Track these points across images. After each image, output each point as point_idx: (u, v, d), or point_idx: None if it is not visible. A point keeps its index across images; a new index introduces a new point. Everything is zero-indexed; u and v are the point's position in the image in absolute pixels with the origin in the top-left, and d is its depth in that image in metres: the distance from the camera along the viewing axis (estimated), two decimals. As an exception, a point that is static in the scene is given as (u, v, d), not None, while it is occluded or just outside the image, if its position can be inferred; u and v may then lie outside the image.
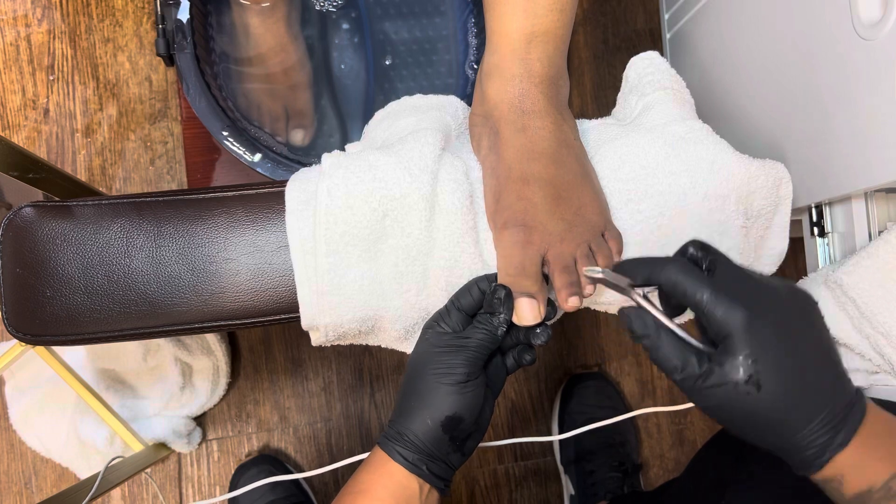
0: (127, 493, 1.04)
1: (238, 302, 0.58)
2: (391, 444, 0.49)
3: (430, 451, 0.49)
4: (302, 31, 0.86)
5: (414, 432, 0.49)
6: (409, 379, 0.51)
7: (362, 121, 0.86)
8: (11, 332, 0.56)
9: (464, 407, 0.49)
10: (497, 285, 0.52)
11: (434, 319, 0.53)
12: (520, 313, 0.51)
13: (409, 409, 0.50)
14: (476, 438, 0.52)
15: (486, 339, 0.50)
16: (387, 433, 0.50)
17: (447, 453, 0.50)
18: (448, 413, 0.49)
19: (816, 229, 0.65)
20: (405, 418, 0.50)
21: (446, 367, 0.49)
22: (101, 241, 0.57)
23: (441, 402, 0.49)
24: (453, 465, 0.51)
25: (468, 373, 0.49)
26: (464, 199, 0.55)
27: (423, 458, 0.49)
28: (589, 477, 1.00)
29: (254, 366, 1.06)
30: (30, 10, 1.08)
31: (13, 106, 1.06)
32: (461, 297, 0.53)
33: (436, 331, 0.52)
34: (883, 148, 0.52)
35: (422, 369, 0.50)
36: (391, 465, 0.49)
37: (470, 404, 0.49)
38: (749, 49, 0.72)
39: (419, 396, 0.50)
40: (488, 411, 0.52)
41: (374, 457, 0.50)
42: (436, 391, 0.49)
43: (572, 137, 0.57)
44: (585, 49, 1.13)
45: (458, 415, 0.49)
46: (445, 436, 0.49)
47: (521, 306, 0.51)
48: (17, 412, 1.00)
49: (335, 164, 0.56)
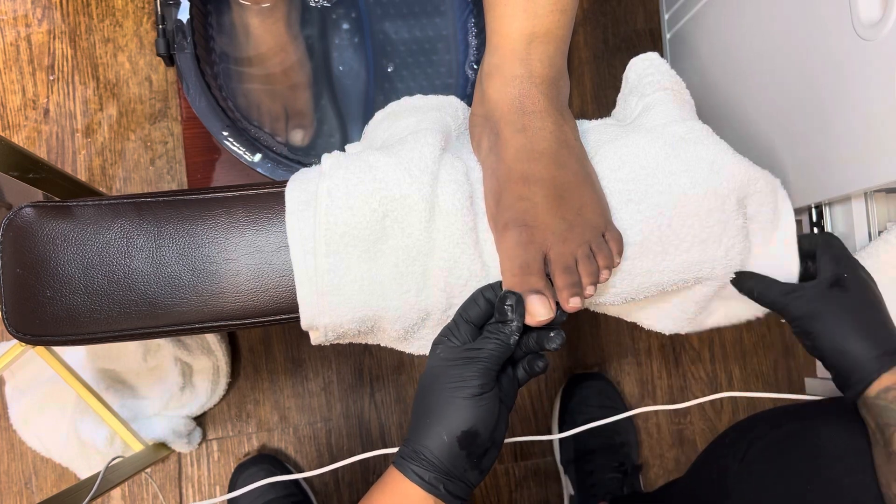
0: (127, 493, 1.04)
1: (238, 302, 0.58)
2: (407, 463, 0.48)
3: (448, 469, 0.47)
4: (302, 31, 0.86)
5: (430, 450, 0.47)
6: (421, 395, 0.50)
7: (362, 121, 0.86)
8: (11, 332, 0.56)
9: (479, 420, 0.48)
10: (506, 292, 0.51)
11: (443, 334, 0.52)
12: (532, 310, 0.50)
13: (423, 427, 0.48)
14: (493, 455, 0.50)
15: (498, 349, 0.49)
16: (402, 452, 0.49)
17: (464, 471, 0.48)
18: (464, 428, 0.47)
19: (816, 229, 0.65)
20: (420, 435, 0.48)
21: (459, 380, 0.48)
22: (101, 241, 0.57)
23: (456, 416, 0.47)
24: (471, 483, 0.49)
25: (482, 384, 0.48)
26: (464, 200, 0.55)
27: (441, 478, 0.47)
28: (589, 477, 1.00)
29: (254, 366, 1.06)
30: (30, 10, 1.08)
31: (13, 106, 1.06)
32: (468, 308, 0.52)
33: (446, 345, 0.51)
34: (883, 148, 0.52)
35: (434, 384, 0.49)
36: (407, 486, 0.47)
37: (485, 417, 0.48)
38: (749, 49, 0.72)
39: (433, 412, 0.48)
40: (503, 426, 0.51)
41: (389, 477, 0.49)
42: (450, 405, 0.48)
43: (573, 138, 0.57)
44: (585, 49, 1.13)
45: (473, 429, 0.47)
46: (462, 452, 0.48)
47: (532, 303, 0.50)
48: (17, 412, 1.00)
49: (335, 165, 0.56)
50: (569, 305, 0.50)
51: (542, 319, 0.50)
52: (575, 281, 0.51)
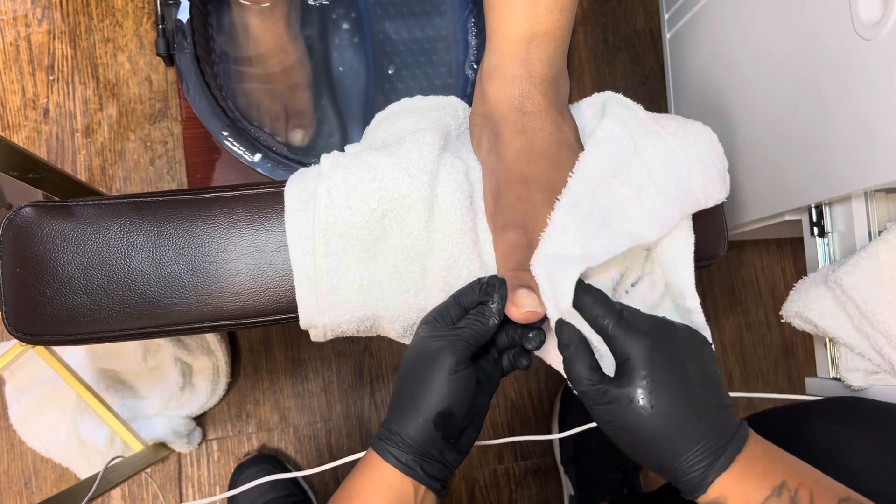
0: (127, 493, 1.04)
1: (238, 302, 0.58)
2: (383, 444, 0.48)
3: (424, 450, 0.47)
4: (302, 31, 0.86)
5: (406, 431, 0.47)
6: (401, 375, 0.50)
7: (362, 121, 0.86)
8: (11, 332, 0.56)
9: (453, 401, 0.47)
10: (492, 276, 0.51)
11: (432, 314, 0.52)
12: (518, 301, 0.49)
13: (399, 407, 0.49)
14: (471, 435, 0.50)
15: (476, 330, 0.49)
16: (380, 433, 0.49)
17: (442, 451, 0.48)
18: (439, 409, 0.47)
19: (816, 229, 0.65)
20: (396, 416, 0.48)
21: (432, 358, 0.48)
22: (101, 241, 0.57)
23: (430, 396, 0.47)
24: (450, 464, 0.49)
25: (456, 362, 0.47)
26: (463, 200, 0.55)
27: (417, 459, 0.47)
28: (589, 477, 1.00)
29: (254, 366, 1.06)
30: (30, 10, 1.08)
31: (13, 106, 1.06)
32: (464, 294, 0.52)
33: (431, 324, 0.51)
34: (883, 148, 0.52)
35: (411, 363, 0.49)
36: (384, 468, 0.47)
37: (459, 398, 0.48)
38: (749, 49, 0.72)
39: (408, 392, 0.48)
40: (482, 407, 0.51)
41: (367, 459, 0.49)
42: (425, 385, 0.48)
43: (573, 138, 0.57)
44: (585, 49, 1.13)
45: (448, 409, 0.47)
46: (438, 433, 0.47)
47: (519, 296, 0.49)
48: (17, 412, 1.00)
49: (334, 165, 0.56)
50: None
51: (529, 311, 0.49)
52: None
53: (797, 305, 0.61)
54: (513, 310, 0.49)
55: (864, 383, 0.59)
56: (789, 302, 0.62)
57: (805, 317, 0.60)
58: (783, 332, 1.11)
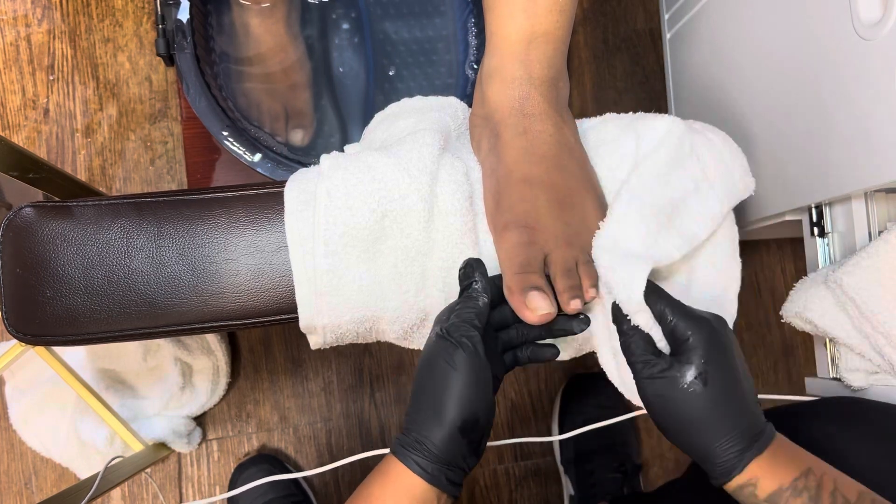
0: (127, 493, 1.04)
1: (238, 302, 0.58)
2: (408, 453, 0.47)
3: (448, 458, 0.47)
4: (302, 31, 0.86)
5: (431, 440, 0.46)
6: (419, 379, 0.49)
7: (362, 121, 0.86)
8: (11, 332, 0.56)
9: (477, 404, 0.47)
10: (467, 259, 0.53)
11: (444, 313, 0.51)
12: (532, 304, 0.49)
13: (421, 413, 0.48)
14: (486, 438, 0.50)
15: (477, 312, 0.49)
16: (402, 441, 0.48)
17: (465, 458, 0.48)
18: (465, 416, 0.47)
19: (816, 229, 0.65)
20: (419, 424, 0.47)
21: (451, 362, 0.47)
22: (101, 241, 0.57)
23: (453, 401, 0.47)
24: (469, 468, 0.49)
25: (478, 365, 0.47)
26: (463, 201, 0.55)
27: (442, 468, 0.46)
28: (589, 477, 1.00)
29: (254, 366, 1.06)
30: (30, 10, 1.08)
31: (13, 106, 1.06)
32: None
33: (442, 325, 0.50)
34: (883, 148, 0.52)
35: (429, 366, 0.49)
36: (406, 477, 0.46)
37: (482, 403, 0.48)
38: (749, 49, 0.72)
39: (429, 397, 0.48)
40: (494, 407, 0.50)
41: (387, 467, 0.48)
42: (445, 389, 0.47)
43: (573, 140, 0.57)
44: (585, 49, 1.13)
45: (474, 416, 0.47)
46: (464, 440, 0.47)
47: (532, 299, 0.49)
48: (17, 412, 1.00)
49: (334, 166, 0.56)
50: (570, 307, 0.50)
51: (544, 314, 0.49)
52: (575, 284, 0.51)
53: (797, 306, 0.61)
54: (527, 313, 0.49)
55: (864, 383, 0.59)
56: (789, 302, 0.62)
57: (805, 317, 0.60)
58: (783, 333, 1.11)
